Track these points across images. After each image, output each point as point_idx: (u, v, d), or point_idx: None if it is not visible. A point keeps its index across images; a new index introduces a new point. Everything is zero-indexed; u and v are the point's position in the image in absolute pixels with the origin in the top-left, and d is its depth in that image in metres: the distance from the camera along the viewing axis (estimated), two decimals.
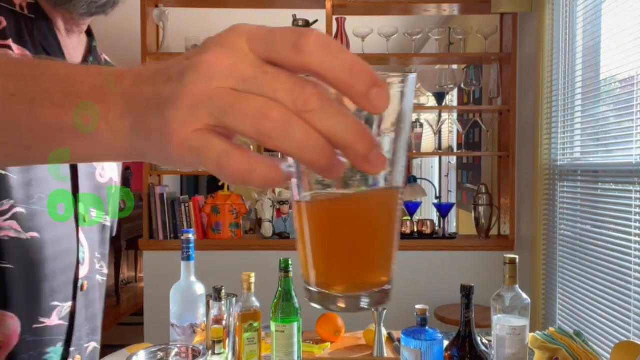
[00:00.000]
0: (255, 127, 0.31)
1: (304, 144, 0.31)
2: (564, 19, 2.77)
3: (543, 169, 2.94)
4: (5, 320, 0.69)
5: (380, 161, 0.33)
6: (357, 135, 0.31)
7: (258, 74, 0.32)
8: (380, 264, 0.40)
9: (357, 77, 0.31)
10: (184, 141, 0.33)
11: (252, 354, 1.52)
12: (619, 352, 1.29)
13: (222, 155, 0.32)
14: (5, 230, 0.67)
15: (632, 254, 2.15)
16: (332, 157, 0.32)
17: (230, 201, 3.30)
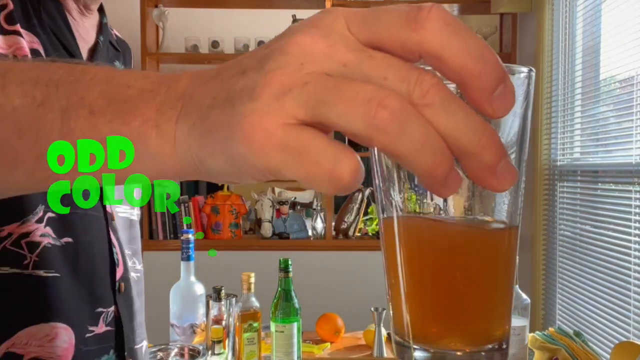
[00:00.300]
0: (368, 119, 0.25)
1: (422, 144, 0.25)
2: (564, 19, 2.77)
3: (543, 169, 2.94)
4: (60, 332, 0.64)
5: (510, 174, 0.26)
6: (486, 139, 0.25)
7: (363, 58, 0.26)
8: (500, 314, 0.33)
9: (487, 68, 0.25)
10: (270, 139, 0.26)
11: (252, 354, 1.52)
12: (619, 352, 1.29)
13: (338, 161, 0.26)
14: (46, 237, 0.63)
15: (632, 254, 2.15)
16: (451, 165, 0.26)
17: (229, 201, 3.30)
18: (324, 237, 3.31)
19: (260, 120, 0.26)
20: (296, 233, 3.35)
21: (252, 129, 0.26)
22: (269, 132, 0.26)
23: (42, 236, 0.62)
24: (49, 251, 0.63)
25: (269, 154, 0.26)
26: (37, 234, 0.61)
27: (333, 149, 0.26)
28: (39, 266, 0.61)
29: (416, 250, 0.31)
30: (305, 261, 3.01)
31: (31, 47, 0.63)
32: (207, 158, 0.29)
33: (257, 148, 0.26)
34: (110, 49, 0.82)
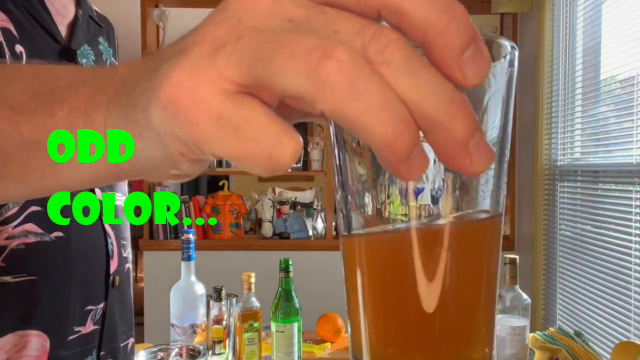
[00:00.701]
0: (309, 71, 0.20)
1: (379, 106, 0.20)
2: (564, 19, 2.77)
3: (543, 169, 2.94)
4: (30, 340, 0.59)
5: (484, 153, 0.21)
6: (455, 108, 0.21)
7: (312, 14, 0.22)
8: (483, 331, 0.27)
9: (453, 23, 0.21)
10: (200, 104, 0.22)
11: (252, 354, 1.52)
12: (619, 352, 1.29)
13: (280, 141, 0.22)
14: (20, 238, 0.56)
15: (632, 254, 2.15)
16: (416, 136, 0.21)
17: (230, 201, 3.30)
18: (324, 237, 3.31)
19: (186, 79, 0.22)
20: (297, 233, 3.35)
21: (176, 88, 0.22)
22: (199, 95, 0.22)
23: (9, 238, 0.56)
24: (24, 253, 0.57)
25: (198, 124, 0.22)
26: (2, 238, 0.55)
27: (276, 126, 0.22)
28: (4, 272, 0.56)
29: (372, 269, 0.26)
30: (305, 261, 3.01)
31: (1, 26, 0.59)
32: (135, 142, 0.25)
33: (184, 114, 0.22)
34: (91, 24, 0.77)
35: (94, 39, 0.77)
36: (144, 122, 0.24)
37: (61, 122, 0.28)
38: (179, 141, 0.23)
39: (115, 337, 0.72)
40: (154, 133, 0.24)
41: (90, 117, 0.27)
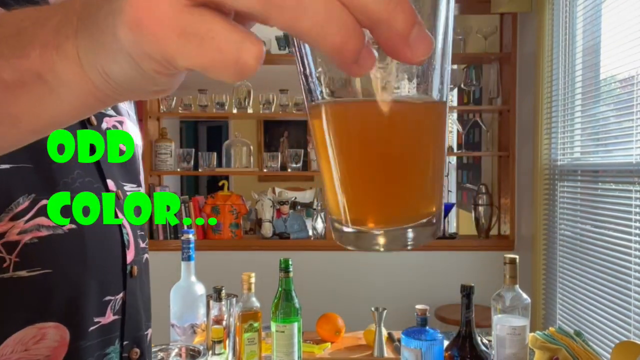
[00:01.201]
0: None
1: (326, 19, 0.22)
2: (564, 18, 2.78)
3: (543, 168, 2.94)
4: (48, 332, 0.59)
5: (424, 42, 0.24)
6: (394, 4, 0.23)
7: None
8: (429, 190, 0.32)
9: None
10: (162, 21, 0.23)
11: (252, 354, 1.52)
12: (619, 351, 1.29)
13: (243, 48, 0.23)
14: (32, 232, 0.56)
15: (632, 254, 2.15)
16: (362, 40, 0.23)
17: (230, 201, 3.30)
18: (324, 237, 3.32)
19: (148, 2, 0.23)
20: (296, 233, 3.35)
21: (139, 9, 0.23)
22: (160, 13, 0.23)
23: (22, 233, 0.56)
24: (37, 247, 0.57)
25: (165, 40, 0.23)
26: (14, 233, 0.56)
27: (237, 34, 0.23)
28: (19, 267, 0.56)
29: (339, 135, 0.30)
30: (305, 261, 3.01)
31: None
32: (110, 65, 0.27)
33: (150, 33, 0.23)
34: None
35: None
36: (115, 45, 0.25)
37: (36, 60, 0.29)
38: (151, 59, 0.25)
39: (139, 326, 0.72)
40: (125, 54, 0.25)
41: (62, 49, 0.28)
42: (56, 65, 0.28)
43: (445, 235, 3.41)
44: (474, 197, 3.48)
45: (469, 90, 3.49)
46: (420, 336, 1.36)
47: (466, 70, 3.55)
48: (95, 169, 0.65)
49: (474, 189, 3.78)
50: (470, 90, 3.49)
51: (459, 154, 4.08)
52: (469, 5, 3.39)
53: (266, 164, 3.36)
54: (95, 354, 0.64)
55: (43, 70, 0.29)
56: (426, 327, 1.41)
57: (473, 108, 3.56)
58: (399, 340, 1.63)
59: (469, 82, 3.40)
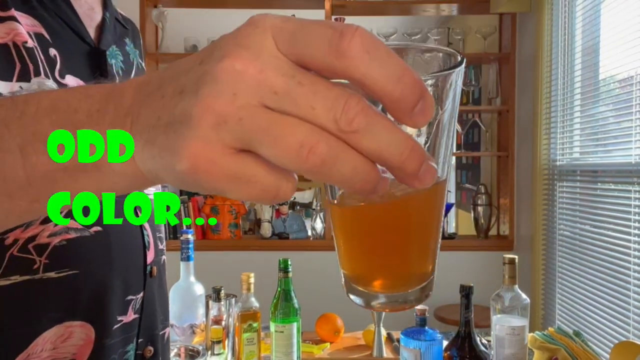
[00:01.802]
0: (299, 163, 0.27)
1: (351, 176, 0.28)
2: (563, 19, 2.78)
3: (542, 169, 2.94)
4: (75, 331, 0.62)
5: (429, 176, 0.29)
6: (407, 152, 0.28)
7: (291, 86, 0.27)
8: (428, 259, 0.39)
9: (406, 91, 0.27)
10: (215, 166, 0.28)
11: (252, 354, 1.52)
12: (619, 352, 1.29)
13: (281, 185, 0.29)
14: (61, 235, 0.59)
15: (631, 254, 2.15)
16: (377, 180, 0.29)
17: (229, 201, 3.30)
18: (323, 237, 3.31)
19: (202, 150, 0.28)
20: (296, 233, 3.35)
21: (195, 158, 0.28)
22: (213, 161, 0.28)
23: (51, 236, 0.59)
24: (65, 249, 0.60)
25: (217, 181, 0.29)
26: (44, 235, 0.58)
27: (275, 175, 0.29)
28: (49, 269, 0.59)
29: (354, 228, 0.37)
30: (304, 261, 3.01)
31: (34, 32, 0.60)
32: (161, 174, 0.31)
33: (204, 175, 0.28)
34: (117, 26, 0.78)
35: (121, 41, 0.78)
36: (169, 169, 0.30)
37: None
38: (203, 189, 0.30)
39: (154, 325, 0.75)
40: (178, 178, 0.30)
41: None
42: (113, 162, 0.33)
43: (444, 235, 3.41)
44: (473, 197, 3.48)
45: (468, 90, 3.49)
46: (419, 336, 1.36)
47: (465, 70, 3.54)
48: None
49: (473, 189, 3.78)
50: (470, 90, 3.49)
51: (458, 154, 4.08)
52: (468, 5, 3.39)
53: None
54: (118, 351, 0.67)
55: (101, 164, 0.33)
56: (425, 327, 1.41)
57: (472, 108, 3.56)
58: (398, 341, 1.63)
59: (468, 82, 3.40)
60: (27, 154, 0.33)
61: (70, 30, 0.67)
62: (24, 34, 0.58)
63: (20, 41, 0.58)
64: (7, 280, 0.56)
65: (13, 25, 0.58)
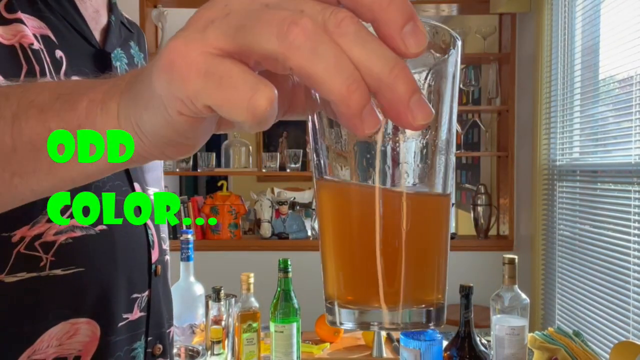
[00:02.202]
0: (281, 36, 0.25)
1: (336, 66, 0.25)
2: (563, 19, 2.78)
3: (542, 169, 2.94)
4: (81, 327, 0.62)
5: (424, 109, 0.26)
6: (398, 70, 0.26)
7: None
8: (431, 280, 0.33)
9: (394, 2, 0.26)
10: (191, 65, 0.27)
11: (251, 354, 1.52)
12: (618, 352, 1.29)
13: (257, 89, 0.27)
14: (67, 233, 0.60)
15: (631, 254, 2.15)
16: (367, 96, 0.26)
17: (229, 201, 3.30)
18: None
19: (182, 48, 0.27)
20: (295, 233, 3.35)
21: (173, 56, 0.27)
22: (190, 59, 0.27)
23: (58, 234, 0.59)
24: (71, 247, 0.60)
25: (190, 79, 0.27)
26: (51, 233, 0.59)
27: (252, 77, 0.27)
28: (55, 266, 0.59)
29: (343, 218, 0.32)
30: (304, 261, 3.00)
31: (41, 34, 0.61)
32: (141, 114, 0.30)
33: (178, 73, 0.27)
34: (122, 29, 0.79)
35: (126, 44, 0.79)
36: (147, 92, 0.29)
37: (82, 113, 0.33)
38: (176, 99, 0.28)
39: (162, 323, 0.76)
40: (156, 100, 0.29)
41: (106, 105, 0.32)
42: (97, 119, 0.33)
43: None
44: (472, 197, 3.48)
45: (467, 90, 3.49)
46: (419, 336, 1.36)
47: (465, 70, 3.55)
48: (124, 172, 0.69)
49: (473, 189, 3.78)
50: (469, 90, 3.49)
51: (458, 154, 4.08)
52: (468, 5, 3.39)
53: (265, 164, 3.36)
54: (123, 348, 0.68)
55: (85, 124, 0.33)
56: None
57: (472, 108, 3.56)
58: (397, 341, 1.63)
59: (468, 82, 3.40)
60: (17, 119, 0.34)
61: (75, 32, 0.67)
62: (30, 35, 0.59)
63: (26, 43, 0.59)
64: (14, 277, 0.57)
65: (19, 27, 0.59)
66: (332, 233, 0.33)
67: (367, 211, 0.31)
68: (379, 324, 0.32)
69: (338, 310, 0.33)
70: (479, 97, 3.84)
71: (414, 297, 0.32)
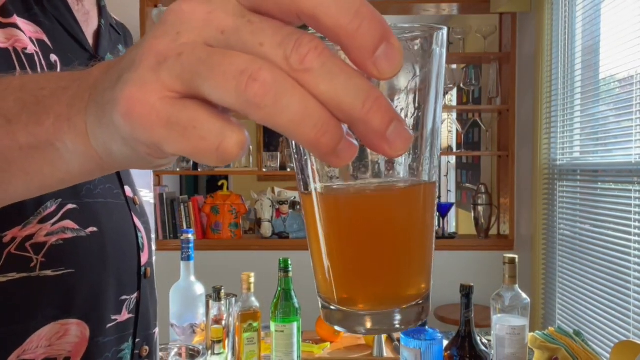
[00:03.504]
0: (239, 93, 0.24)
1: (301, 116, 0.24)
2: (563, 18, 2.78)
3: (542, 168, 2.94)
4: (70, 328, 0.63)
5: (402, 138, 0.25)
6: (371, 102, 0.24)
7: (240, 24, 0.25)
8: (419, 271, 0.33)
9: (363, 25, 0.24)
10: (151, 112, 0.25)
11: (252, 354, 1.52)
12: (619, 351, 1.29)
13: (224, 135, 0.25)
14: (58, 234, 0.60)
15: (632, 254, 2.15)
16: (339, 134, 0.24)
17: (229, 201, 3.30)
18: None
19: (137, 92, 0.25)
20: (296, 233, 3.35)
21: (130, 101, 0.25)
22: (148, 105, 0.25)
23: (49, 235, 0.60)
24: (62, 248, 0.61)
25: (152, 129, 0.25)
26: (42, 234, 0.59)
27: (219, 123, 0.25)
28: (45, 267, 0.60)
29: (328, 223, 0.31)
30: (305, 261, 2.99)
31: (37, 38, 0.62)
32: (110, 143, 0.29)
33: (139, 122, 0.26)
34: (112, 32, 0.79)
35: (115, 47, 0.79)
36: (112, 128, 0.28)
37: (50, 129, 0.32)
38: (142, 144, 0.27)
39: (149, 325, 0.76)
40: (121, 138, 0.28)
41: (73, 122, 0.31)
42: (66, 136, 0.31)
43: (444, 235, 3.41)
44: (473, 197, 3.48)
45: (468, 90, 3.49)
46: (419, 336, 1.36)
47: (465, 70, 3.55)
48: (115, 176, 0.69)
49: (474, 188, 3.78)
50: (470, 90, 3.49)
51: (458, 154, 4.09)
52: (468, 5, 3.39)
53: (265, 164, 3.36)
54: (112, 349, 0.68)
55: (55, 139, 0.32)
56: (425, 326, 1.41)
57: (472, 108, 3.56)
58: (398, 340, 1.63)
59: (468, 82, 3.40)
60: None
61: (70, 36, 0.68)
62: (25, 40, 0.59)
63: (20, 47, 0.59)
64: (5, 277, 0.57)
65: (14, 31, 0.59)
66: (320, 238, 0.32)
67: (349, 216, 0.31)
68: (365, 327, 0.32)
69: (328, 308, 0.34)
70: (479, 97, 3.84)
71: (401, 296, 0.32)
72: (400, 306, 0.32)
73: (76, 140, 0.31)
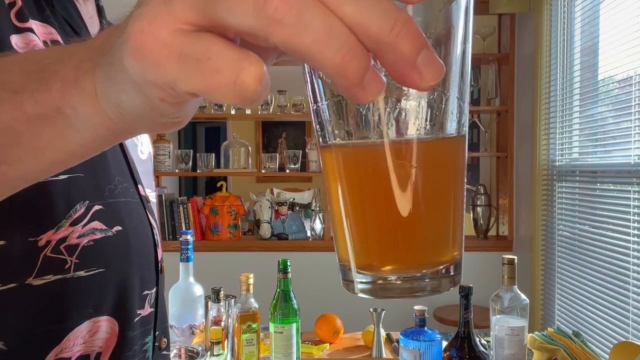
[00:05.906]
0: (258, 10, 0.21)
1: (326, 34, 0.21)
2: (562, 19, 2.78)
3: (541, 169, 2.94)
4: (101, 325, 0.65)
5: (433, 67, 0.23)
6: (399, 27, 0.22)
7: None
8: (449, 234, 0.30)
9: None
10: (162, 47, 0.23)
11: (251, 355, 1.52)
12: (618, 352, 1.29)
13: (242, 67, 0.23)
14: (89, 235, 0.62)
15: (631, 254, 2.15)
16: (366, 61, 0.22)
17: (228, 202, 3.30)
18: (322, 238, 3.31)
19: (148, 26, 0.23)
20: (295, 234, 3.35)
21: (141, 36, 0.24)
22: (160, 39, 0.23)
23: (80, 237, 0.62)
24: (92, 249, 0.63)
25: (164, 65, 0.24)
26: (74, 237, 0.61)
27: (235, 54, 0.23)
28: (79, 268, 0.62)
29: (352, 178, 0.29)
30: (304, 262, 3.01)
31: (51, 39, 0.62)
32: (120, 95, 0.28)
33: (150, 59, 0.24)
34: None
35: None
36: (122, 75, 0.26)
37: (57, 94, 0.31)
38: (154, 86, 0.25)
39: (165, 318, 0.80)
40: (132, 84, 0.26)
41: (80, 84, 0.30)
42: (74, 99, 0.30)
43: None
44: (472, 198, 3.48)
45: None
46: (418, 337, 1.36)
47: None
48: (129, 175, 0.71)
49: (473, 189, 3.78)
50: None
51: None
52: None
53: (264, 165, 3.35)
54: (138, 342, 0.71)
55: (63, 104, 0.30)
56: (424, 327, 1.41)
57: (471, 108, 3.56)
58: (397, 341, 1.63)
59: None
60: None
61: (78, 37, 0.69)
62: (40, 44, 0.60)
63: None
64: (42, 279, 0.59)
65: (30, 36, 0.60)
66: (340, 196, 0.30)
67: (375, 170, 0.28)
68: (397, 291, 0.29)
69: (353, 275, 0.30)
70: (478, 98, 3.84)
71: (432, 258, 0.30)
72: (428, 269, 0.29)
73: (85, 102, 0.30)
